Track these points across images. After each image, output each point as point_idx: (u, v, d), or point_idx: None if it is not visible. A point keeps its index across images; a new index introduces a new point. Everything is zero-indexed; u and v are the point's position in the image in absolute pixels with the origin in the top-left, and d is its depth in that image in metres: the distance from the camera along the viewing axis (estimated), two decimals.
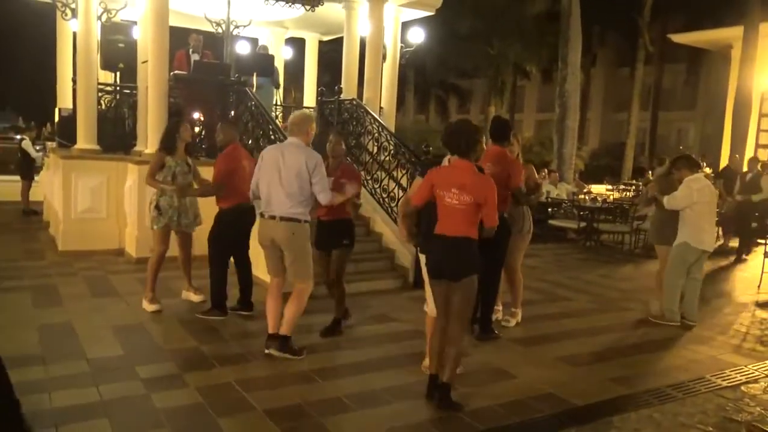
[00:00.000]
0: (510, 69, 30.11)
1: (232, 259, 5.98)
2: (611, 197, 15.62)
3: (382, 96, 10.80)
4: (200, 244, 6.12)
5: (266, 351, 4.85)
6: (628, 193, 19.13)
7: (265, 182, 4.81)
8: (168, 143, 5.92)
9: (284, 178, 4.71)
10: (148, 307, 5.89)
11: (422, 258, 4.38)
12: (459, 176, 3.96)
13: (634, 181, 22.04)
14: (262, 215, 4.90)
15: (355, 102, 9.54)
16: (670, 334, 5.95)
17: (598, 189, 18.39)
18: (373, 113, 9.08)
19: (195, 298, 6.25)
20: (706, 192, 6.16)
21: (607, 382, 4.64)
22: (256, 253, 6.94)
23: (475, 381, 4.47)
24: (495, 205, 3.99)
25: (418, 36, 11.79)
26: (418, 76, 31.59)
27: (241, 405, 3.95)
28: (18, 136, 15.14)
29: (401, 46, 11.36)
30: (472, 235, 3.95)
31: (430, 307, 4.44)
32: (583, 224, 11.17)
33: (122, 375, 4.32)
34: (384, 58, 10.69)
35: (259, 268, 7.22)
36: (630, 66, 28.44)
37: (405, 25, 11.52)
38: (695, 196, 6.08)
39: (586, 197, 12.64)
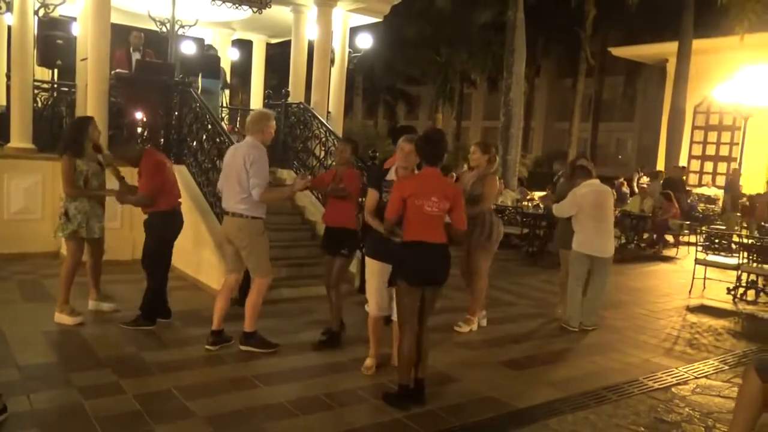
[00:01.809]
0: (457, 77, 30.59)
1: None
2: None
3: (330, 100, 10.81)
4: (110, 250, 6.05)
5: (206, 347, 4.97)
6: (542, 199, 19.66)
7: (221, 180, 5.09)
8: (74, 146, 5.51)
9: (231, 175, 4.90)
10: (68, 320, 5.45)
11: (373, 262, 4.47)
12: (436, 184, 4.08)
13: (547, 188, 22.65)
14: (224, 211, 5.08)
15: (302, 106, 9.51)
16: (605, 338, 6.16)
17: (541, 196, 18.84)
18: (320, 117, 9.08)
19: (106, 307, 5.90)
20: (590, 198, 6.20)
21: (545, 385, 4.77)
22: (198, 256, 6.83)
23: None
24: (463, 208, 4.20)
25: (366, 41, 11.87)
26: (367, 81, 31.69)
27: (181, 412, 3.87)
28: None
29: (349, 51, 11.40)
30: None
31: (373, 308, 4.55)
32: (526, 230, 11.43)
33: (55, 383, 4.18)
34: (332, 62, 10.71)
35: (201, 272, 7.12)
36: (572, 77, 29.31)
37: (353, 30, 11.56)
38: (580, 202, 6.22)
39: (529, 204, 12.94)
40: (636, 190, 16.35)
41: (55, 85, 9.29)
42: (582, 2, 25.15)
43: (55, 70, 9.55)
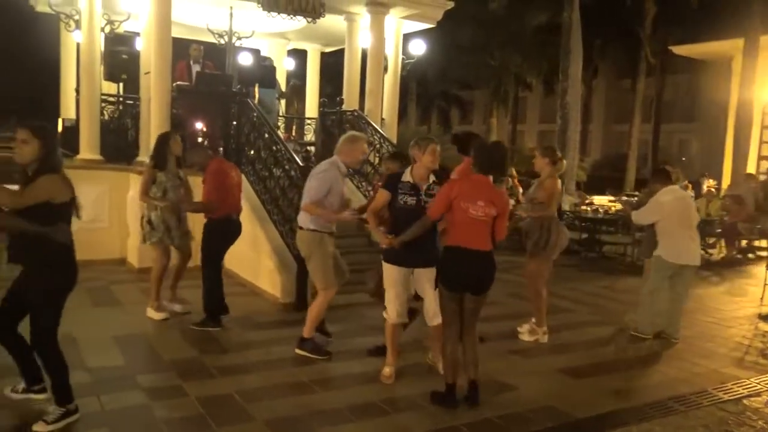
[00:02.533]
0: (511, 80, 30.23)
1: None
2: (613, 208, 15.63)
3: (384, 107, 10.87)
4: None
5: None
6: (624, 205, 19.11)
7: None
8: (158, 158, 5.94)
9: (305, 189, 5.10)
10: (154, 315, 5.95)
11: (392, 268, 4.45)
12: (485, 190, 4.12)
13: (637, 193, 22.03)
14: None
15: (356, 113, 9.60)
16: (671, 347, 5.94)
17: (600, 200, 18.40)
18: (374, 124, 9.14)
19: (179, 308, 6.19)
20: (675, 205, 5.94)
21: (607, 395, 4.64)
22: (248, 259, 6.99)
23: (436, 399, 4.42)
24: (507, 218, 4.23)
25: (419, 48, 11.88)
26: (420, 87, 31.72)
27: (241, 416, 3.96)
28: None
29: (402, 58, 11.45)
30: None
31: (392, 315, 4.54)
32: (584, 235, 11.17)
33: (123, 385, 4.34)
34: (385, 69, 10.76)
35: (259, 278, 7.26)
36: (631, 78, 28.53)
37: (406, 37, 11.60)
38: (665, 209, 5.95)
39: (588, 208, 12.65)
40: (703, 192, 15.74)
41: (121, 99, 9.69)
42: (641, 1, 24.50)
43: (121, 84, 9.99)
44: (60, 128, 10.78)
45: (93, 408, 3.93)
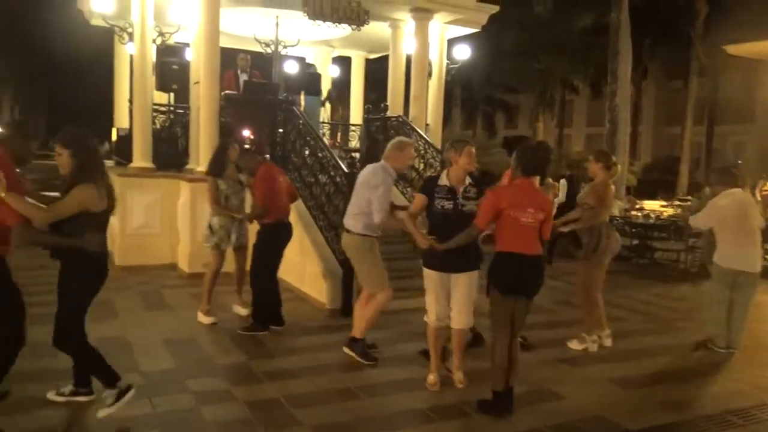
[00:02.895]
0: (557, 83, 29.77)
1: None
2: (665, 213, 15.20)
3: (428, 112, 10.85)
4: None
5: (344, 348, 5.26)
6: (683, 209, 18.56)
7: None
8: (216, 167, 6.13)
9: (354, 191, 5.12)
10: (204, 319, 6.09)
11: (431, 273, 4.45)
12: (532, 195, 4.14)
13: (689, 197, 21.37)
14: None
15: (401, 119, 9.61)
16: (728, 358, 5.72)
17: (651, 205, 17.92)
18: (419, 130, 9.14)
19: (243, 312, 6.38)
20: (733, 209, 5.63)
21: (660, 406, 4.50)
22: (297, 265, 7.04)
23: (522, 401, 4.39)
24: (552, 220, 4.26)
25: (463, 52, 11.82)
26: (465, 92, 31.54)
27: (288, 420, 3.99)
28: None
29: (447, 63, 11.41)
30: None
31: (432, 318, 4.54)
32: (635, 241, 10.90)
33: (174, 388, 4.44)
34: (429, 75, 10.75)
35: (305, 284, 7.32)
36: (683, 78, 27.72)
37: (450, 42, 11.57)
38: (722, 213, 5.66)
39: (639, 213, 12.34)
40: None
41: (171, 108, 9.95)
42: (692, 0, 23.82)
43: (171, 94, 10.25)
44: (114, 137, 11.15)
45: (145, 410, 4.03)
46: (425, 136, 9.05)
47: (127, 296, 7.10)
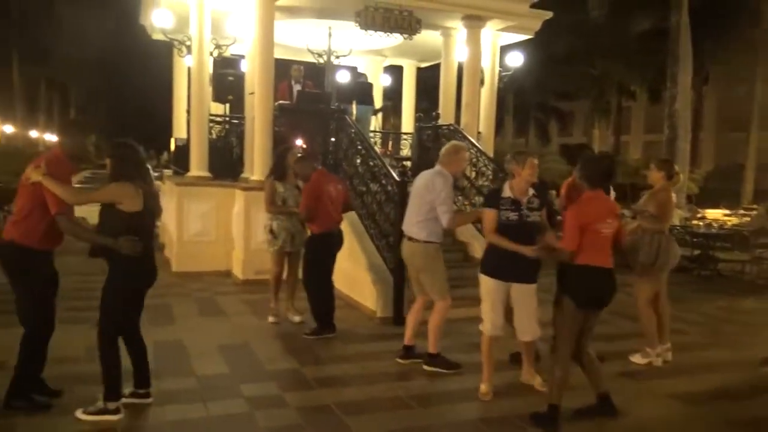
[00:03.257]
0: (614, 89, 29.09)
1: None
2: (729, 223, 14.59)
3: (480, 120, 10.77)
4: None
5: (397, 359, 5.29)
6: (748, 219, 17.78)
7: (408, 206, 5.25)
8: (278, 171, 6.32)
9: (413, 199, 5.12)
10: (269, 319, 6.40)
11: (488, 280, 4.41)
12: (607, 205, 4.19)
13: (755, 206, 20.47)
14: None
15: (452, 127, 9.57)
16: None
17: (714, 214, 17.25)
18: (470, 138, 9.06)
19: (296, 318, 6.44)
20: None
21: (730, 426, 4.29)
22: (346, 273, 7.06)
23: (582, 416, 4.25)
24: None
25: (516, 59, 11.68)
26: (517, 99, 31.21)
27: (339, 427, 3.99)
28: None
29: (499, 70, 11.31)
30: None
31: (488, 327, 4.50)
32: (697, 252, 10.49)
33: (227, 392, 4.50)
34: (482, 82, 10.67)
35: (355, 291, 7.34)
36: (747, 82, 26.65)
37: (503, 49, 11.46)
38: None
39: (700, 223, 11.89)
40: None
41: (227, 118, 10.19)
42: (756, 2, 22.89)
43: (227, 105, 10.51)
44: (172, 147, 11.50)
45: (199, 414, 4.10)
46: (477, 144, 8.97)
47: (184, 302, 7.28)
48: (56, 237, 3.94)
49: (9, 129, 35.58)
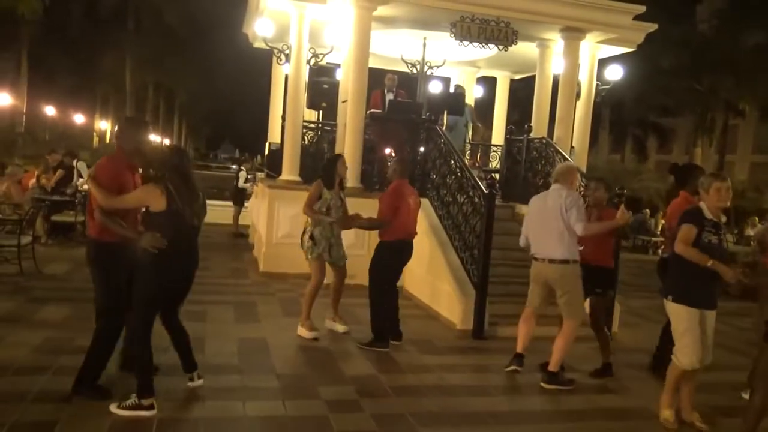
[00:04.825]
0: (720, 106, 27.44)
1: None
2: None
3: (574, 135, 10.48)
4: (358, 275, 6.50)
5: (508, 368, 5.32)
6: None
7: (532, 228, 5.23)
8: (327, 178, 6.18)
9: (545, 222, 5.07)
10: (305, 333, 6.02)
11: (688, 310, 4.21)
12: None
13: None
14: (534, 257, 5.22)
15: (545, 141, 9.35)
16: None
17: None
18: (563, 152, 8.82)
19: (340, 328, 6.32)
20: None
21: None
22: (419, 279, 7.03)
23: None
24: None
25: (615, 73, 11.29)
26: (614, 114, 30.09)
27: None
28: (234, 167, 17.03)
29: (597, 84, 10.97)
30: None
31: (690, 361, 4.27)
32: None
33: (306, 393, 4.59)
34: (578, 96, 10.39)
35: (437, 302, 7.30)
36: None
37: (601, 62, 11.11)
38: None
39: None
40: None
41: (320, 125, 10.45)
42: None
43: (320, 112, 10.78)
44: (267, 151, 11.93)
45: (279, 412, 4.21)
46: (570, 159, 8.71)
47: (269, 302, 7.50)
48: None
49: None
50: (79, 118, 38.59)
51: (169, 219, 3.93)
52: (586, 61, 10.57)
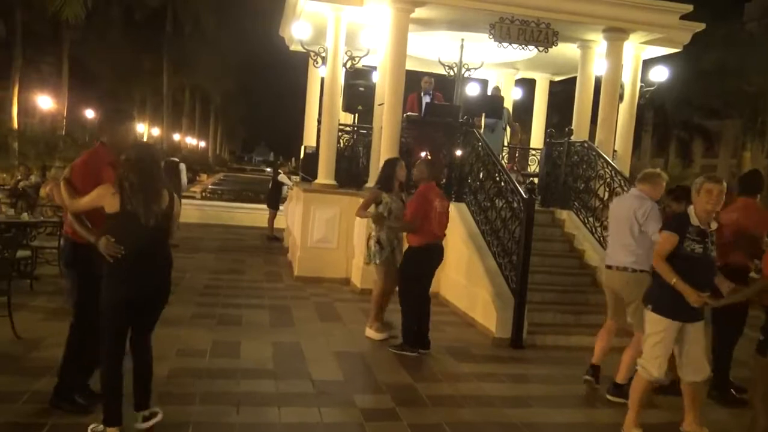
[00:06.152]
0: None
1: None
2: None
3: (617, 138, 10.29)
4: None
5: (584, 377, 5.22)
6: None
7: (609, 233, 5.18)
8: (386, 182, 6.28)
9: (617, 228, 4.99)
10: (374, 335, 6.24)
11: (662, 320, 4.05)
12: None
13: None
14: (606, 265, 5.13)
15: (586, 144, 9.20)
16: None
17: None
18: (605, 156, 8.66)
19: (378, 336, 6.30)
20: None
21: None
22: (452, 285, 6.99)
23: None
24: None
25: (660, 74, 11.05)
26: (658, 117, 29.48)
27: None
28: (268, 169, 17.18)
29: (641, 86, 10.76)
30: None
31: (654, 370, 4.10)
32: None
33: (341, 400, 4.59)
34: (621, 98, 10.20)
35: (474, 310, 7.24)
36: None
37: (645, 63, 10.89)
38: None
39: None
40: None
41: (355, 128, 10.49)
42: None
43: (356, 115, 10.82)
44: (302, 154, 12.03)
45: (314, 419, 4.21)
46: (612, 163, 8.55)
47: (304, 306, 7.55)
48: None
49: (156, 132, 38.93)
50: None
51: (122, 221, 3.51)
52: (630, 62, 10.37)
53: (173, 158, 13.10)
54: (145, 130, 41.04)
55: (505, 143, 11.73)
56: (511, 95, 13.23)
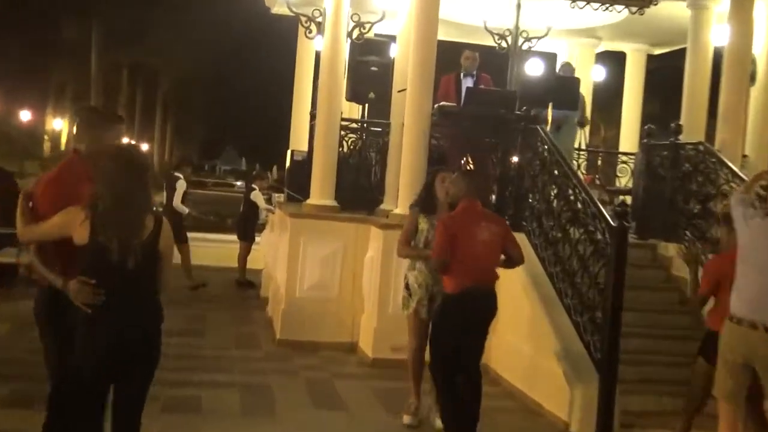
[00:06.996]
0: None
1: None
2: None
3: (748, 138, 10.20)
4: None
5: None
6: None
7: (749, 271, 4.75)
8: (426, 201, 6.31)
9: (763, 266, 4.67)
10: (405, 419, 6.34)
11: None
12: None
13: None
14: (738, 321, 4.78)
15: (701, 147, 9.13)
16: None
17: None
18: (730, 164, 8.57)
19: (438, 423, 6.24)
20: None
21: None
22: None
23: None
24: None
25: None
26: None
27: None
28: (239, 183, 17.23)
29: None
30: None
31: None
32: None
33: None
34: (752, 79, 10.13)
35: (537, 389, 7.15)
36: None
37: None
38: None
39: None
40: None
41: (365, 125, 10.47)
42: None
43: (366, 106, 10.81)
44: (288, 163, 12.02)
45: None
46: (741, 174, 8.45)
47: (290, 384, 7.47)
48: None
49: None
50: (25, 116, 40.08)
51: (91, 257, 3.62)
52: (763, 29, 10.32)
53: (176, 173, 13.24)
54: (63, 128, 41.37)
55: (582, 144, 11.69)
56: (590, 76, 13.23)
